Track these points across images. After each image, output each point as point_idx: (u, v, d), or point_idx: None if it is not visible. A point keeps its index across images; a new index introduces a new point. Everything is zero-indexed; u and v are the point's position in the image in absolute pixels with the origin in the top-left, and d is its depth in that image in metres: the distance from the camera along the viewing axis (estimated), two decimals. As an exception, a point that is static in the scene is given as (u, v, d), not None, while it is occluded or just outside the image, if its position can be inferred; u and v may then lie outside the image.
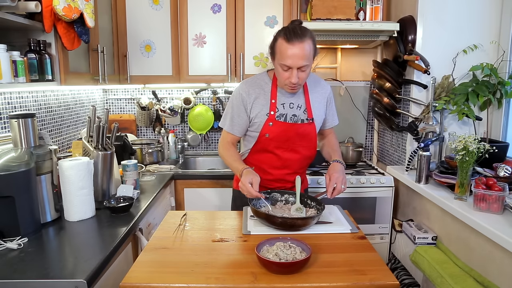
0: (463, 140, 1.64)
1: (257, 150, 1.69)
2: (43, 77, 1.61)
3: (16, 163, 1.31)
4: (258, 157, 1.70)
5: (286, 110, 1.63)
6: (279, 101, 1.63)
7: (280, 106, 1.63)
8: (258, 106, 1.62)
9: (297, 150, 1.67)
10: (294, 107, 1.64)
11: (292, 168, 1.70)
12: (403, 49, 2.27)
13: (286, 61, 1.47)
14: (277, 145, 1.65)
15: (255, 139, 1.66)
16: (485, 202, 1.55)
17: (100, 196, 1.68)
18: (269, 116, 1.61)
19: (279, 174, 1.70)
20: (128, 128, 2.89)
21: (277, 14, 2.47)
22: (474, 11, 2.12)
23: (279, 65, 1.51)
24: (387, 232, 2.38)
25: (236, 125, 1.65)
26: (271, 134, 1.62)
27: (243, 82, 1.68)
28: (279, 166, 1.69)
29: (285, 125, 1.62)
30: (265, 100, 1.63)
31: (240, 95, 1.63)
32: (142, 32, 2.48)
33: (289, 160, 1.67)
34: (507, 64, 2.05)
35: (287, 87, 1.56)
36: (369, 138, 2.94)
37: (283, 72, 1.51)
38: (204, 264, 1.15)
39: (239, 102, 1.63)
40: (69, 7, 1.56)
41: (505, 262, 1.41)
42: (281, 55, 1.48)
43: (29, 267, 1.12)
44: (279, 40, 1.49)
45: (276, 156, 1.67)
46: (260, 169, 1.66)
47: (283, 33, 1.48)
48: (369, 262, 1.16)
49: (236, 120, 1.65)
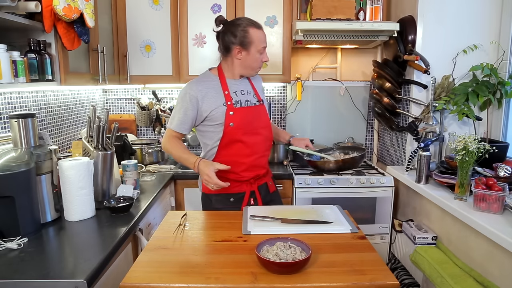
0: (463, 140, 1.64)
1: (225, 143, 1.73)
2: (43, 77, 1.61)
3: (16, 163, 1.31)
4: (228, 151, 1.73)
5: (239, 97, 1.75)
6: (231, 90, 1.74)
7: (233, 94, 1.74)
8: (211, 100, 1.69)
9: (259, 132, 1.78)
10: (245, 93, 1.78)
11: (259, 152, 1.79)
12: (403, 49, 2.27)
13: (264, 43, 1.71)
14: (243, 132, 1.72)
15: (219, 134, 1.71)
16: (485, 202, 1.55)
17: (100, 196, 1.68)
18: (227, 106, 1.69)
19: (249, 161, 1.76)
20: (128, 128, 2.89)
21: (277, 14, 2.47)
22: (474, 11, 2.12)
23: (257, 51, 1.69)
24: (387, 232, 2.38)
25: (184, 123, 1.70)
26: (235, 122, 1.69)
27: (188, 83, 1.74)
28: (248, 153, 1.75)
29: (244, 110, 1.73)
30: (216, 93, 1.71)
31: (189, 94, 1.68)
32: (142, 32, 2.48)
33: (255, 144, 1.76)
34: (507, 64, 2.05)
35: (258, 69, 1.77)
36: (369, 138, 2.94)
37: (259, 56, 1.71)
38: (204, 264, 1.15)
39: (187, 101, 1.68)
40: (69, 7, 1.56)
41: (505, 262, 1.41)
42: (259, 41, 1.69)
43: (29, 267, 1.12)
44: (251, 30, 1.67)
45: (244, 144, 1.73)
46: (232, 162, 1.69)
47: (250, 23, 1.68)
48: (369, 262, 1.16)
49: (183, 119, 1.69)
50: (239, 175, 1.74)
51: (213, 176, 1.54)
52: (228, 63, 1.76)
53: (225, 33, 1.69)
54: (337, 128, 2.91)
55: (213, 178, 1.53)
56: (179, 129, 1.70)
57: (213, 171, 1.55)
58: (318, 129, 2.91)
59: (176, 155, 1.70)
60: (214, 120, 1.69)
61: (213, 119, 1.69)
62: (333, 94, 2.86)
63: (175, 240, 1.32)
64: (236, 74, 1.77)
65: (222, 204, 1.75)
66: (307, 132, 2.91)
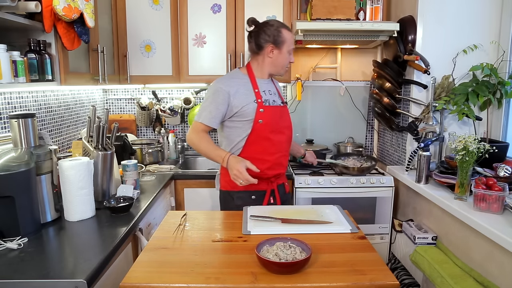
0: (463, 140, 1.64)
1: (253, 140, 1.76)
2: (43, 77, 1.61)
3: (16, 163, 1.31)
4: (254, 148, 1.76)
5: (268, 96, 1.80)
6: (260, 89, 1.79)
7: (262, 93, 1.79)
8: (242, 96, 1.73)
9: (283, 131, 1.84)
10: (272, 94, 1.84)
11: (282, 150, 1.84)
12: (403, 49, 2.27)
13: (293, 44, 1.81)
14: (271, 129, 1.77)
15: (247, 131, 1.74)
16: (485, 202, 1.55)
17: (100, 196, 1.68)
18: (257, 103, 1.74)
19: (273, 159, 1.80)
20: (128, 128, 2.89)
21: (277, 14, 2.47)
22: (474, 11, 2.12)
23: (287, 51, 1.78)
24: (387, 232, 2.38)
25: (215, 117, 1.72)
26: (264, 120, 1.74)
27: (219, 79, 1.79)
28: (273, 152, 1.79)
29: (272, 109, 1.78)
30: (247, 90, 1.76)
31: (221, 89, 1.72)
32: (142, 32, 2.48)
33: (280, 143, 1.81)
34: (507, 64, 2.05)
35: (286, 69, 1.85)
36: (369, 138, 2.94)
37: (288, 57, 1.79)
38: (204, 264, 1.15)
39: (218, 95, 1.71)
40: (69, 7, 1.56)
41: (505, 262, 1.41)
42: (290, 42, 1.78)
43: (29, 267, 1.12)
44: (283, 30, 1.76)
45: (270, 142, 1.77)
46: (257, 159, 1.72)
47: (282, 24, 1.78)
48: (369, 262, 1.16)
49: (215, 113, 1.71)
50: (263, 172, 1.76)
51: (244, 172, 1.56)
52: (259, 62, 1.81)
53: (259, 33, 1.76)
54: (337, 128, 2.91)
55: (244, 174, 1.56)
56: (209, 123, 1.72)
57: (244, 167, 1.57)
58: (318, 129, 2.91)
59: (204, 149, 1.71)
60: (244, 116, 1.73)
61: (243, 115, 1.73)
62: (333, 94, 2.86)
63: (175, 240, 1.32)
64: (266, 73, 1.82)
65: (243, 201, 1.77)
66: (307, 132, 2.91)
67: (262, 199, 1.81)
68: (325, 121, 2.89)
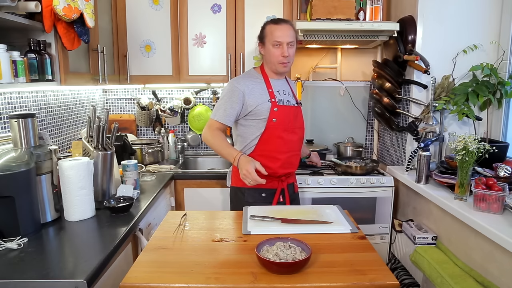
0: (463, 140, 1.64)
1: (266, 138, 1.78)
2: (43, 77, 1.61)
3: (16, 163, 1.31)
4: (267, 146, 1.79)
5: (282, 96, 1.82)
6: (274, 88, 1.81)
7: (276, 93, 1.80)
8: (256, 95, 1.76)
9: (295, 131, 1.85)
10: (286, 94, 1.85)
11: (294, 149, 1.86)
12: (403, 49, 2.27)
13: (277, 37, 1.73)
14: (283, 128, 1.79)
15: (261, 129, 1.77)
16: (485, 202, 1.55)
17: (100, 196, 1.68)
18: (271, 102, 1.76)
19: (285, 158, 1.82)
20: (128, 128, 2.89)
21: (277, 14, 2.47)
22: (474, 11, 2.12)
23: (271, 44, 1.75)
24: (387, 232, 2.38)
25: (230, 116, 1.75)
26: (278, 119, 1.76)
27: (234, 78, 1.84)
28: (285, 150, 1.81)
29: (286, 108, 1.80)
30: (261, 89, 1.78)
31: (236, 88, 1.75)
32: (142, 32, 2.48)
33: (292, 142, 1.83)
34: (507, 64, 2.05)
35: (281, 65, 1.78)
36: (369, 138, 2.94)
37: (275, 51, 1.75)
38: (204, 264, 1.15)
39: (233, 94, 1.74)
40: (69, 7, 1.56)
41: (505, 262, 1.41)
42: (272, 34, 1.74)
43: (29, 267, 1.12)
44: (268, 26, 1.77)
45: (282, 140, 1.79)
46: (269, 157, 1.78)
47: (269, 21, 1.78)
48: (369, 262, 1.16)
49: (230, 111, 1.74)
50: (274, 170, 1.78)
51: (252, 172, 1.58)
52: (263, 61, 1.87)
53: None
54: (337, 128, 2.91)
55: (252, 174, 1.57)
56: (224, 121, 1.74)
57: (253, 168, 1.59)
58: (318, 129, 2.91)
59: (218, 147, 1.74)
60: (259, 115, 1.75)
61: (257, 113, 1.75)
62: (333, 94, 2.86)
63: (175, 240, 1.32)
64: (269, 71, 1.85)
65: (253, 198, 1.80)
66: (307, 132, 2.91)
67: (272, 197, 1.82)
68: (325, 121, 2.89)
